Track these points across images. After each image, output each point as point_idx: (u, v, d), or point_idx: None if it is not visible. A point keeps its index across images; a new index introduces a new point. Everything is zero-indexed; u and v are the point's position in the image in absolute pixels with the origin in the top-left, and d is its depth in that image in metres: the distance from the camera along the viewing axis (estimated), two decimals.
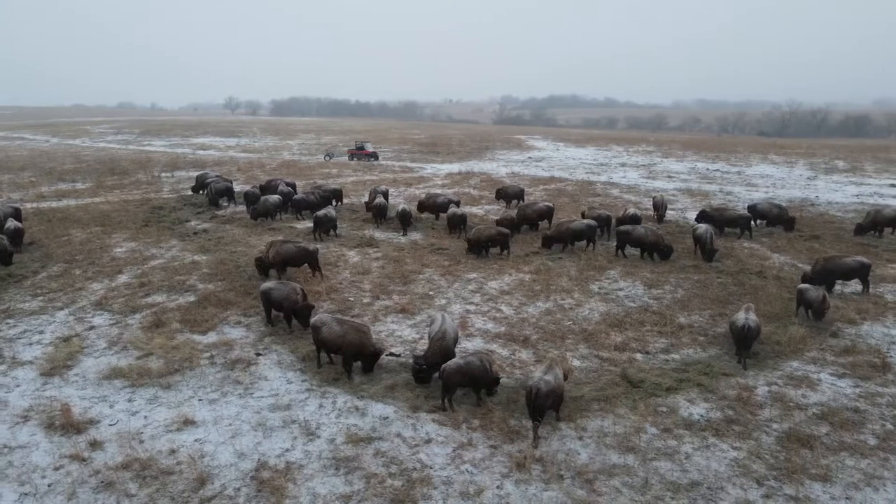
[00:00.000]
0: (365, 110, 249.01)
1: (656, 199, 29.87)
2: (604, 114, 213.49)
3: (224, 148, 67.60)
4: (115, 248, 24.12)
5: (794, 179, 45.10)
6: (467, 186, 39.76)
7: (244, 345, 15.55)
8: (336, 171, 46.47)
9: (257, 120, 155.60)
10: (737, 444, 11.58)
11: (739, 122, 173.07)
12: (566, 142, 76.90)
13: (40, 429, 11.78)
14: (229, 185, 32.98)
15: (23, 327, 16.56)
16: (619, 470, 10.76)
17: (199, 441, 11.43)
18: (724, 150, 66.28)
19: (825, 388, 13.73)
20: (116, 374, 13.84)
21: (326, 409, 12.63)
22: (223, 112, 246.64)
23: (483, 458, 11.07)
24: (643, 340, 16.18)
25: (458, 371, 12.46)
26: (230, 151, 63.58)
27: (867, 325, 17.37)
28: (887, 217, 27.20)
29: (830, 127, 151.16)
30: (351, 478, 10.44)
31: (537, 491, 10.19)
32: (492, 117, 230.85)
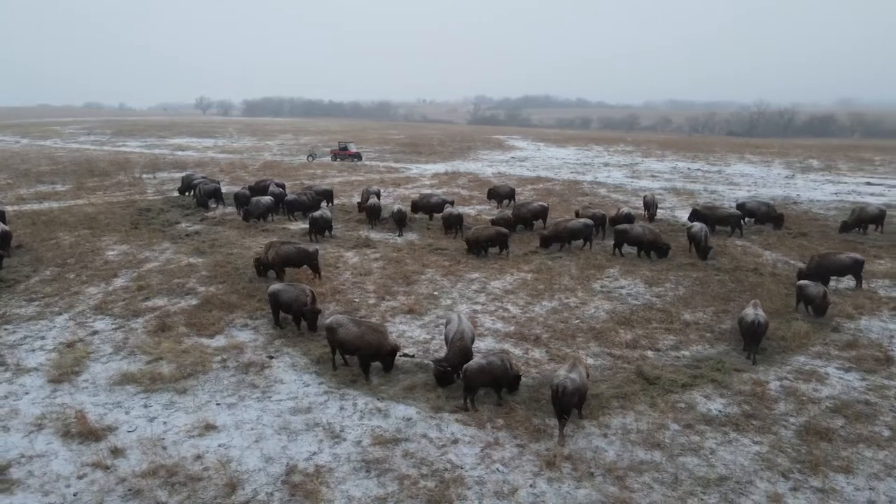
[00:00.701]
0: (339, 110, 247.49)
1: (647, 198, 30.25)
2: (577, 114, 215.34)
3: (202, 149, 66.60)
4: (107, 251, 23.61)
5: (773, 178, 46.05)
6: (455, 186, 39.79)
7: (255, 348, 15.35)
8: (321, 172, 46.11)
9: (230, 120, 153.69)
10: (758, 439, 11.79)
11: (709, 122, 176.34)
12: (546, 142, 77.43)
13: (56, 437, 11.49)
14: (217, 187, 32.52)
15: (22, 333, 16.12)
16: (648, 466, 10.87)
17: (223, 446, 11.25)
18: (702, 149, 67.40)
19: (834, 382, 14.04)
20: (128, 380, 13.55)
21: (348, 411, 12.53)
22: (194, 112, 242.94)
23: (512, 457, 11.09)
24: (652, 338, 16.37)
25: (480, 371, 12.47)
26: (209, 152, 62.68)
27: (865, 319, 17.82)
28: (870, 215, 27.96)
29: (797, 127, 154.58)
30: (383, 480, 10.38)
31: (570, 489, 10.25)
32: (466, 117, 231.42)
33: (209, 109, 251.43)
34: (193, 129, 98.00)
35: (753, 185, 41.99)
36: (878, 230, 27.94)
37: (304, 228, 27.53)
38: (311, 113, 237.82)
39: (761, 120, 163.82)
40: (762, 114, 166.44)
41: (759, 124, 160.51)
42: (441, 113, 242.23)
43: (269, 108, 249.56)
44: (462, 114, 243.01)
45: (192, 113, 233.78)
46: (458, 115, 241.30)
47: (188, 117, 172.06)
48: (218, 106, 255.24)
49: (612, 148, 69.29)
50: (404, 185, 40.42)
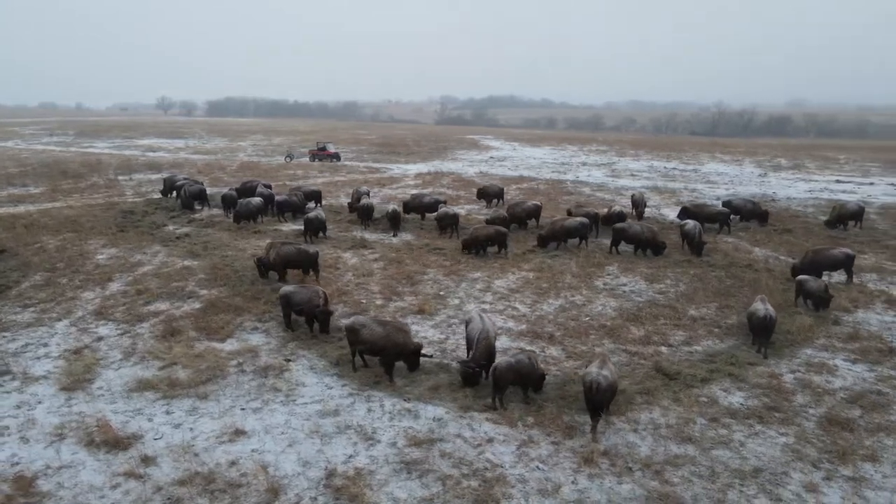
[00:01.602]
0: (304, 110, 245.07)
1: (635, 197, 30.69)
2: (542, 114, 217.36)
3: (174, 149, 65.23)
4: (96, 254, 22.95)
5: (747, 176, 47.20)
6: (440, 186, 39.76)
7: (269, 351, 15.10)
8: (302, 173, 45.60)
9: (195, 121, 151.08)
10: (783, 430, 12.06)
11: (671, 122, 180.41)
12: (520, 142, 78.00)
13: (80, 446, 11.12)
14: (202, 188, 31.88)
15: (23, 340, 15.56)
16: (683, 460, 11.03)
17: (256, 451, 11.04)
18: (674, 149, 68.74)
19: (844, 374, 14.46)
20: (145, 386, 13.20)
21: (376, 412, 12.42)
22: (155, 112, 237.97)
23: (549, 454, 11.14)
24: (663, 334, 16.62)
25: (509, 370, 12.50)
26: (182, 153, 61.41)
27: (861, 312, 18.39)
28: (850, 211, 28.92)
29: (756, 127, 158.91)
30: (426, 480, 10.32)
31: (612, 484, 10.34)
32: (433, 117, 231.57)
33: (171, 109, 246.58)
34: (160, 130, 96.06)
35: (730, 184, 42.96)
36: (857, 226, 28.88)
37: (296, 230, 27.23)
38: (277, 113, 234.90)
39: (722, 120, 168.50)
40: (722, 114, 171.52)
41: (719, 124, 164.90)
42: (407, 113, 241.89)
43: (232, 109, 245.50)
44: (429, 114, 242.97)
45: (153, 113, 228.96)
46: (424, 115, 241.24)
47: (150, 117, 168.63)
48: (180, 106, 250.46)
49: (585, 148, 70.16)
50: (389, 185, 40.24)
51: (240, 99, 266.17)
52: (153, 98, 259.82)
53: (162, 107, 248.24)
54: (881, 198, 37.32)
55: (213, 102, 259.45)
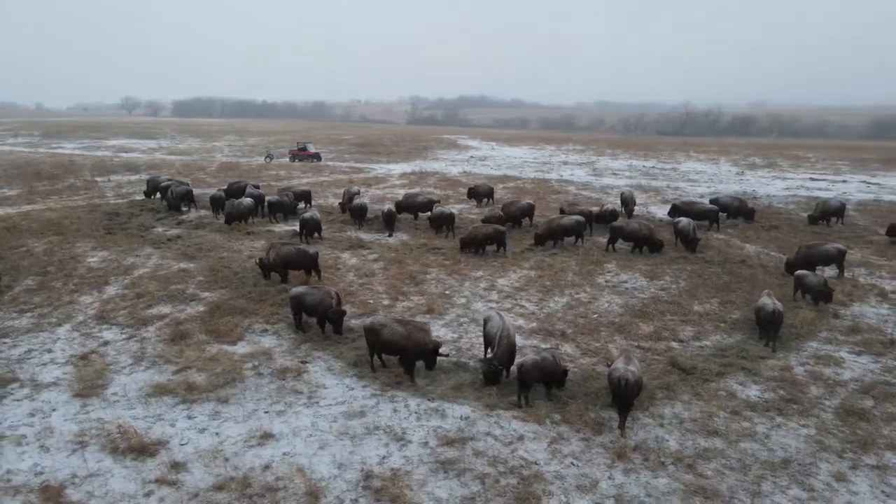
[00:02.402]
0: (272, 111, 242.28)
1: (625, 195, 31.06)
2: (514, 114, 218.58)
3: (147, 150, 63.92)
4: (87, 257, 22.35)
5: (725, 175, 48.14)
6: (426, 186, 39.70)
7: (283, 353, 14.89)
8: (285, 173, 45.10)
9: (162, 121, 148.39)
10: (803, 422, 12.32)
11: (640, 122, 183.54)
12: (497, 141, 78.36)
13: (104, 454, 10.81)
14: (189, 189, 31.30)
15: (25, 346, 15.08)
16: (713, 453, 11.19)
17: (288, 454, 10.88)
18: (650, 148, 69.78)
19: (852, 365, 14.83)
20: (161, 391, 12.90)
21: (402, 413, 12.33)
22: (119, 112, 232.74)
23: (581, 451, 11.19)
24: (672, 329, 16.85)
25: (535, 367, 12.53)
26: (156, 154, 60.22)
27: (857, 305, 18.90)
28: (833, 208, 29.70)
29: (721, 127, 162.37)
30: (464, 479, 10.29)
31: (648, 479, 10.44)
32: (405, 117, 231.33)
33: (136, 110, 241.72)
34: (128, 130, 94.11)
35: (710, 182, 43.78)
36: (839, 222, 29.67)
37: (288, 230, 26.94)
38: (245, 113, 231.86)
39: (689, 120, 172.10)
40: (690, 114, 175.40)
41: (687, 124, 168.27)
42: (378, 113, 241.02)
43: (199, 109, 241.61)
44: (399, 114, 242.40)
45: (117, 113, 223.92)
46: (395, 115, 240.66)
47: (114, 118, 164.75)
48: (146, 106, 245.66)
49: (563, 147, 70.79)
50: (375, 185, 40.04)
51: (207, 99, 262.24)
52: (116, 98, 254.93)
53: (126, 107, 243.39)
54: (856, 195, 38.37)
55: (179, 102, 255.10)
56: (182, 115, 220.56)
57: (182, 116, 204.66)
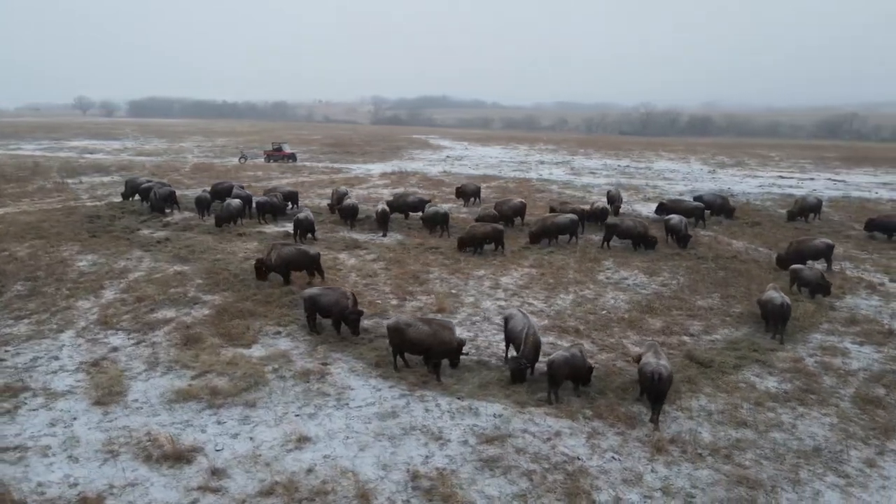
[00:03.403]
0: (233, 111, 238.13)
1: (611, 193, 31.50)
2: (477, 114, 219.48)
3: (113, 151, 62.12)
4: (75, 261, 21.61)
5: (698, 173, 49.24)
6: (409, 186, 39.56)
7: (300, 355, 14.65)
8: (262, 174, 44.39)
9: (120, 121, 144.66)
10: (824, 411, 12.69)
11: (602, 122, 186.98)
12: (469, 141, 78.60)
13: (138, 462, 10.47)
14: (172, 190, 30.54)
15: (30, 354, 14.50)
16: (746, 444, 11.43)
17: (328, 457, 10.71)
18: (620, 147, 70.93)
19: (857, 355, 15.35)
20: (185, 397, 12.55)
21: (434, 412, 12.26)
22: (72, 113, 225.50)
23: (619, 445, 11.31)
24: (681, 324, 17.15)
25: (565, 363, 12.62)
26: (123, 155, 58.56)
27: (849, 297, 19.57)
28: (810, 204, 30.71)
29: (679, 127, 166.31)
30: (511, 477, 10.29)
31: (690, 470, 10.61)
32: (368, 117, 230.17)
33: (90, 110, 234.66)
34: (88, 131, 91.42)
35: (685, 180, 44.72)
36: (815, 218, 30.66)
37: (279, 231, 26.54)
38: (204, 114, 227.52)
39: (649, 120, 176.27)
40: (650, 115, 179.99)
41: (648, 124, 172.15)
42: (341, 113, 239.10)
43: (156, 109, 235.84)
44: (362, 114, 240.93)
45: (71, 114, 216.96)
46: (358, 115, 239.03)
47: (68, 118, 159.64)
48: (100, 106, 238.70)
49: (535, 147, 71.40)
50: (357, 185, 39.70)
51: (164, 99, 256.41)
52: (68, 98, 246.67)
53: (80, 107, 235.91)
54: (825, 192, 39.67)
55: (135, 102, 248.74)
56: (138, 115, 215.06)
57: (138, 117, 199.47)
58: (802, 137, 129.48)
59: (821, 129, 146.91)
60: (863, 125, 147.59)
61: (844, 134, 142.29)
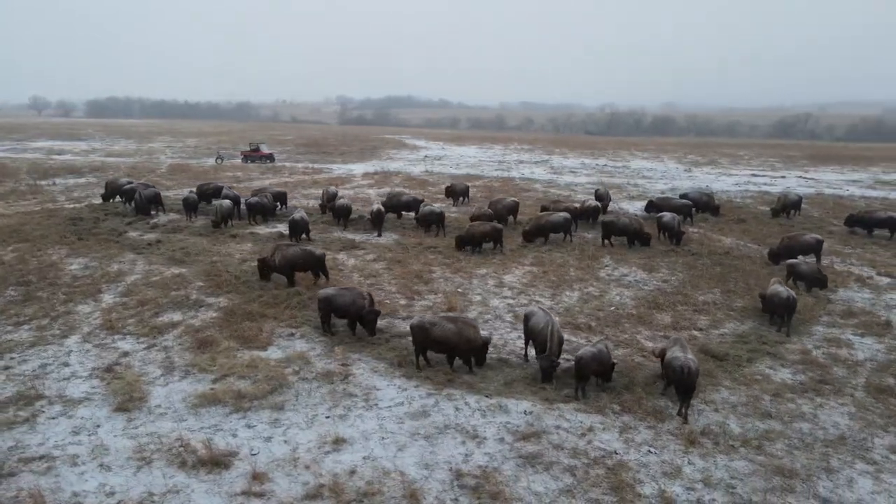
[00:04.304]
0: (195, 111, 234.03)
1: (600, 192, 31.87)
2: (444, 114, 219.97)
3: (81, 152, 60.36)
4: (66, 265, 20.95)
5: (674, 172, 50.13)
6: (395, 186, 39.38)
7: (318, 356, 14.47)
8: (242, 175, 43.68)
9: (80, 122, 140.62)
10: (840, 401, 13.07)
11: (568, 122, 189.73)
12: (444, 141, 78.63)
13: (174, 468, 10.21)
14: (157, 192, 29.84)
15: (37, 361, 14.02)
16: (774, 434, 11.69)
17: (368, 458, 10.60)
18: (593, 147, 71.79)
19: (860, 347, 15.84)
20: (209, 401, 12.29)
21: (465, 411, 12.24)
22: (27, 113, 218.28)
23: (652, 438, 11.45)
24: (689, 319, 17.46)
25: (593, 359, 12.74)
26: (92, 156, 56.95)
27: (842, 291, 20.17)
28: (792, 202, 31.56)
29: (644, 127, 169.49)
30: (554, 472, 10.33)
31: (726, 462, 10.80)
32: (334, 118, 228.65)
33: (46, 110, 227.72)
34: (50, 132, 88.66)
35: (664, 178, 45.51)
36: (796, 214, 31.53)
37: (272, 232, 26.17)
38: (166, 114, 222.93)
39: (614, 121, 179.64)
40: (615, 115, 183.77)
41: (613, 124, 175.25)
42: (306, 113, 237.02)
43: (115, 109, 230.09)
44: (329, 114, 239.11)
45: (25, 114, 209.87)
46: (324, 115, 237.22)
47: (24, 119, 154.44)
48: (56, 106, 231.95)
49: (510, 147, 71.81)
50: (340, 185, 39.29)
51: (123, 99, 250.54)
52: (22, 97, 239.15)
53: (35, 107, 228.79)
54: (799, 189, 40.78)
55: (93, 102, 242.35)
56: (97, 115, 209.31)
57: (97, 117, 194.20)
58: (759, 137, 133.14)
59: (776, 129, 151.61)
60: (816, 125, 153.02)
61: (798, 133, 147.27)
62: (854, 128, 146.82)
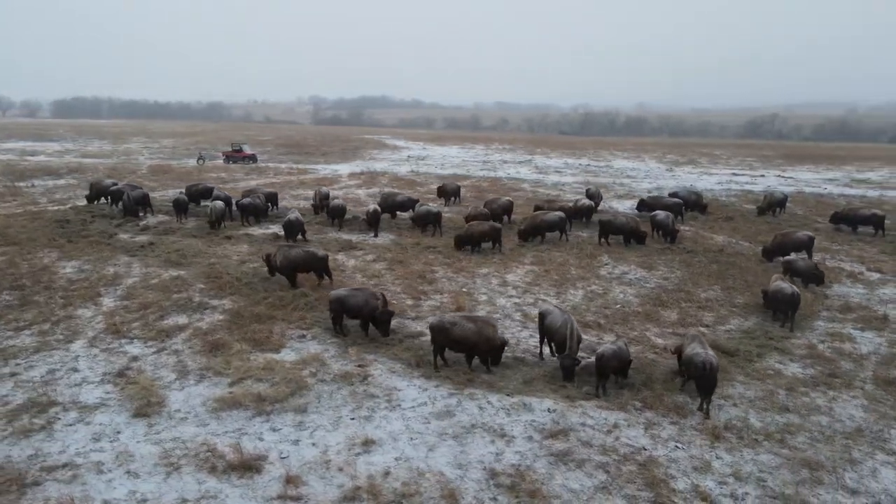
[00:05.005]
0: (165, 111, 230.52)
1: (591, 191, 32.15)
2: (420, 114, 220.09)
3: (55, 153, 58.92)
4: (59, 268, 20.40)
5: (656, 171, 50.78)
6: (380, 186, 39.22)
7: (333, 358, 14.33)
8: (227, 175, 43.08)
9: (47, 122, 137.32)
10: (852, 394, 13.36)
11: (543, 122, 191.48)
12: (424, 141, 78.56)
13: (204, 474, 10.01)
14: (146, 193, 29.28)
15: (44, 367, 13.63)
16: (794, 427, 11.90)
17: (400, 459, 10.52)
18: (575, 147, 72.37)
19: (862, 340, 16.22)
20: (229, 405, 12.08)
21: (489, 410, 12.22)
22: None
23: (677, 434, 11.57)
24: (694, 315, 17.69)
25: (614, 357, 12.83)
26: (68, 156, 55.64)
27: (837, 286, 20.62)
28: (777, 200, 32.22)
29: (617, 127, 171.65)
30: (587, 470, 10.38)
31: (752, 455, 10.96)
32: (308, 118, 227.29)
33: (10, 110, 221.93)
34: (20, 132, 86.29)
35: (648, 178, 46.06)
36: (781, 212, 32.18)
37: (266, 233, 25.85)
38: (136, 114, 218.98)
39: (589, 121, 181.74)
40: (589, 115, 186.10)
41: (587, 125, 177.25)
42: (279, 113, 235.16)
43: (83, 109, 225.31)
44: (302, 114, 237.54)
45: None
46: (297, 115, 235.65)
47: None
48: (21, 106, 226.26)
49: (491, 147, 72.02)
50: (327, 185, 38.89)
51: (91, 99, 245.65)
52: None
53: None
54: (780, 188, 41.60)
55: (59, 102, 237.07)
56: (63, 116, 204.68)
57: (64, 117, 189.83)
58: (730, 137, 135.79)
59: (746, 130, 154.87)
60: (784, 125, 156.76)
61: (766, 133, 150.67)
62: (821, 128, 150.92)
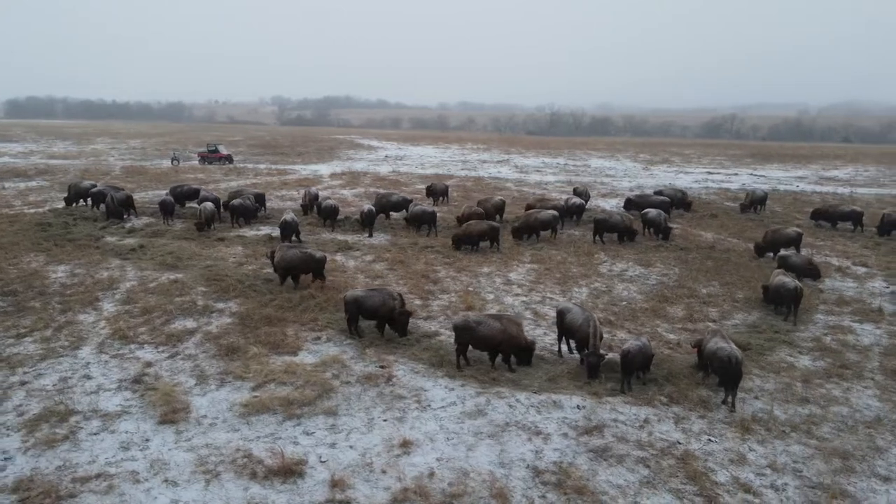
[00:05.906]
0: (124, 112, 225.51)
1: (579, 189, 32.48)
2: (386, 115, 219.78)
3: (19, 154, 57.01)
4: (49, 273, 19.75)
5: (633, 170, 51.58)
6: (364, 186, 38.99)
7: (354, 359, 14.16)
8: (205, 177, 42.24)
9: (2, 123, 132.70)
10: (864, 384, 13.73)
11: (510, 122, 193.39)
12: (397, 141, 78.34)
13: (245, 480, 9.76)
14: (129, 195, 28.51)
15: (54, 375, 13.15)
16: (817, 418, 12.18)
17: (441, 460, 10.44)
18: (549, 147, 73.02)
19: (863, 332, 16.70)
20: (256, 409, 11.82)
21: (519, 408, 12.23)
22: None
23: (708, 427, 11.73)
24: (700, 311, 17.98)
25: (640, 352, 12.96)
26: (33, 158, 53.90)
27: (829, 281, 21.21)
28: (759, 197, 33.02)
29: (583, 127, 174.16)
30: (628, 465, 10.44)
31: (783, 447, 11.17)
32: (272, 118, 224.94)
33: None
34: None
35: (626, 177, 46.76)
36: (762, 209, 33.01)
37: (258, 234, 25.45)
38: (94, 115, 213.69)
39: (556, 121, 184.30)
40: (555, 115, 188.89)
41: (554, 124, 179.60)
42: (243, 114, 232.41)
43: (36, 110, 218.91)
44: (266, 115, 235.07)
45: None
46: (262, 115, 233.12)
47: None
48: None
49: (466, 146, 72.17)
50: (311, 186, 38.55)
51: (46, 98, 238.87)
52: None
53: None
54: (754, 185, 42.70)
55: (12, 102, 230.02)
56: (17, 116, 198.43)
57: (17, 118, 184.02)
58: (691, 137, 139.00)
59: (706, 130, 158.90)
60: (741, 126, 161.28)
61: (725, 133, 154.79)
62: (777, 128, 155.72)
